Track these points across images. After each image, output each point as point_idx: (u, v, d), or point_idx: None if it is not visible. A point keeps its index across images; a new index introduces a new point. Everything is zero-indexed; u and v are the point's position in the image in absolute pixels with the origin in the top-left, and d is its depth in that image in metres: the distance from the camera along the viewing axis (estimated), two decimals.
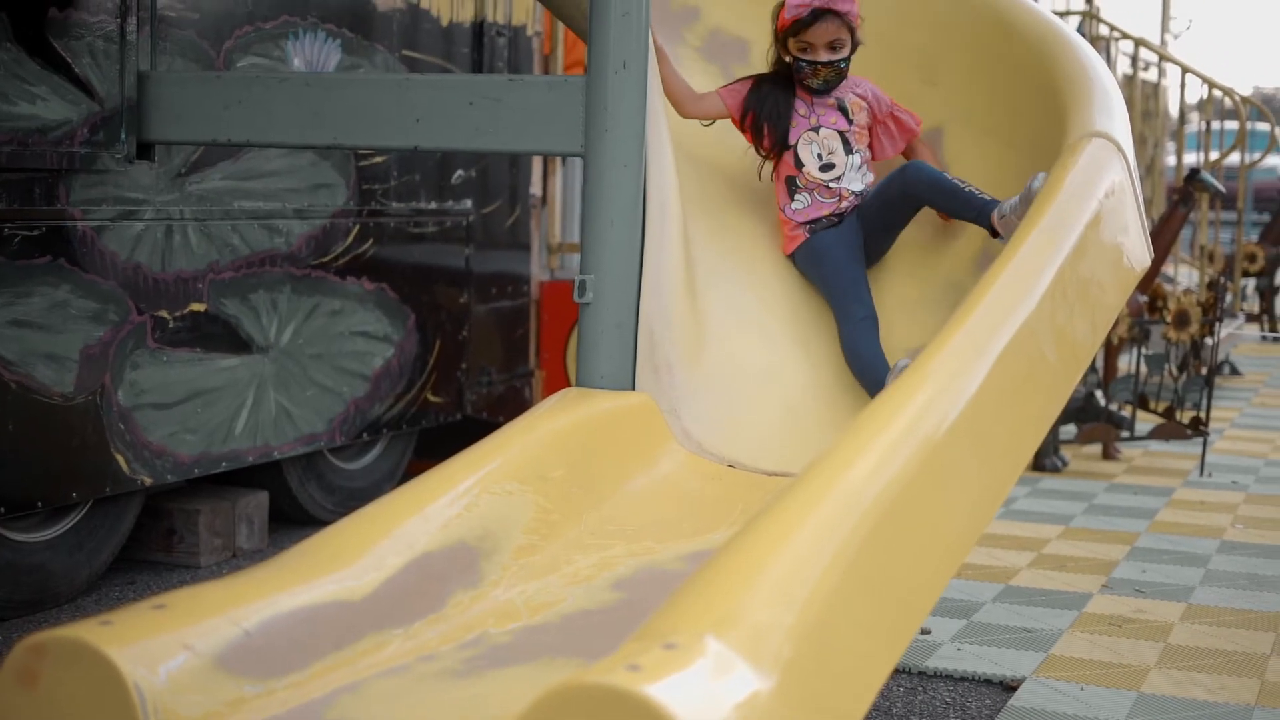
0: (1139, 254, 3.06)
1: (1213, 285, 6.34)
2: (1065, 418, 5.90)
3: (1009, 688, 3.38)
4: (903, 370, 2.62)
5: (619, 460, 2.75)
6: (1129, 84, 9.66)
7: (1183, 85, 9.77)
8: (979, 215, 3.25)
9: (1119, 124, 3.11)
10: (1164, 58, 10.33)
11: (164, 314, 3.91)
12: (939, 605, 3.86)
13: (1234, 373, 8.81)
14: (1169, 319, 6.03)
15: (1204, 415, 5.89)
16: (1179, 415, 5.98)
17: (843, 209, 3.43)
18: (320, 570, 2.08)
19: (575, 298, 2.98)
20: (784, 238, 3.49)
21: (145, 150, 3.69)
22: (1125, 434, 6.06)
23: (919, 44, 3.74)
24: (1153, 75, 10.77)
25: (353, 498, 4.74)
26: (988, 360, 2.38)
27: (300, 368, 4.34)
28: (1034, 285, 2.59)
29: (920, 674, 3.47)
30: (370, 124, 3.32)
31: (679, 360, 3.02)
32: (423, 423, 4.89)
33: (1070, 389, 2.72)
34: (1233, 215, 10.11)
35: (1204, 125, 9.48)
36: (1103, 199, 2.89)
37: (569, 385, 3.01)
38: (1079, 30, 8.87)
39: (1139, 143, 9.55)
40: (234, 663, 1.87)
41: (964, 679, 3.44)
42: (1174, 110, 13.14)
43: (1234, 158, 9.88)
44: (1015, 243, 2.68)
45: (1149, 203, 9.65)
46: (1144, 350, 6.06)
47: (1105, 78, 3.28)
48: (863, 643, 1.91)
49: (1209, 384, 5.95)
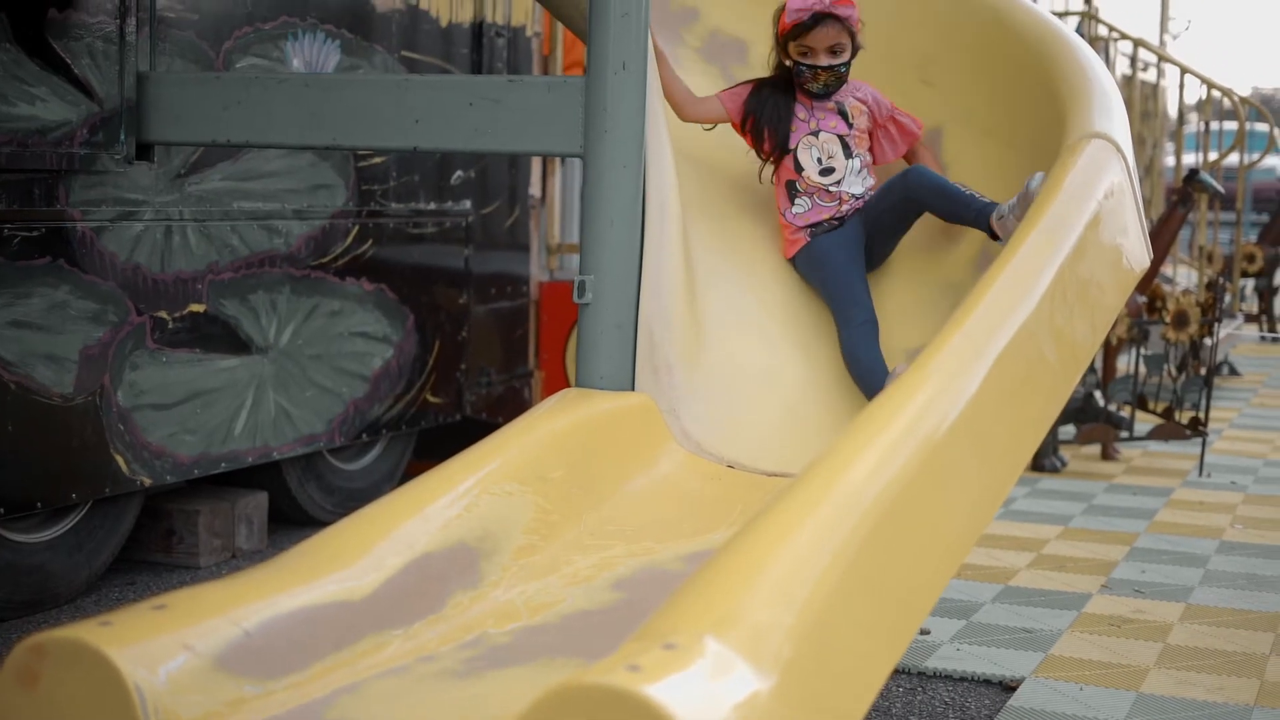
0: (1138, 255, 3.06)
1: (1211, 286, 6.34)
2: (1064, 418, 5.90)
3: (1008, 688, 3.38)
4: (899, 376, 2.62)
5: (619, 461, 2.75)
6: (1128, 84, 9.67)
7: (1181, 86, 9.79)
8: (978, 218, 3.25)
9: (1118, 125, 3.11)
10: (1163, 58, 10.33)
11: (163, 315, 3.91)
12: (939, 605, 3.86)
13: (1233, 373, 8.82)
14: (1168, 319, 6.03)
15: (1203, 416, 5.89)
16: (1178, 416, 5.98)
17: (843, 213, 3.43)
18: (320, 571, 2.08)
19: (575, 298, 2.97)
20: (784, 241, 3.48)
21: (144, 151, 3.69)
22: (1124, 434, 6.05)
23: (918, 45, 3.74)
24: (1152, 76, 10.77)
25: (352, 498, 4.74)
26: (987, 361, 2.38)
27: (299, 368, 4.34)
28: (1033, 286, 2.59)
29: (920, 674, 3.47)
30: (369, 125, 3.32)
31: (679, 361, 3.02)
32: (422, 423, 4.89)
33: (1069, 389, 2.72)
34: (1231, 216, 10.11)
35: (1203, 126, 9.48)
36: (1102, 200, 2.89)
37: (568, 386, 3.01)
38: (1078, 31, 8.89)
39: (1138, 143, 9.56)
40: (234, 663, 1.87)
41: (963, 679, 3.44)
42: (1173, 111, 13.17)
43: (1233, 158, 9.88)
44: (1014, 244, 2.68)
45: (1148, 203, 9.66)
46: (1143, 351, 6.06)
47: (1104, 78, 3.29)
48: (862, 643, 1.91)
49: (1208, 384, 5.94)
